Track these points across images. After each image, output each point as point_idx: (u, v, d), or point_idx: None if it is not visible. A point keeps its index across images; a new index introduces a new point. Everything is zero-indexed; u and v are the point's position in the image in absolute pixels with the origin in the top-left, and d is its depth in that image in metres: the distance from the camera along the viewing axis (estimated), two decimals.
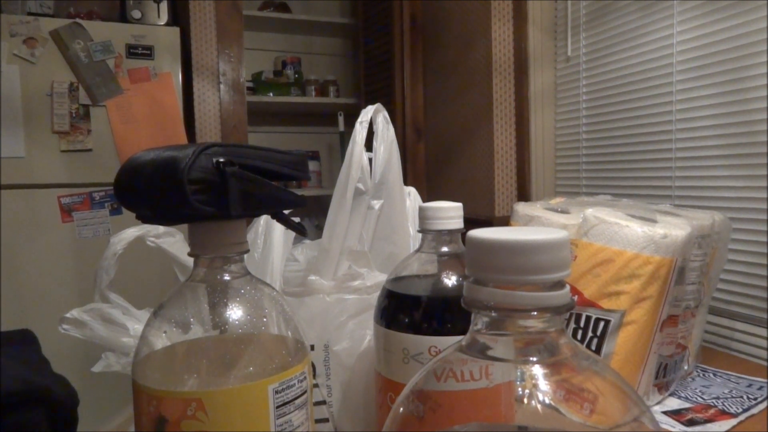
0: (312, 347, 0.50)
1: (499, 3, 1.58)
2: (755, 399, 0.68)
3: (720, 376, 0.76)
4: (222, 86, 1.91)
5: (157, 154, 0.33)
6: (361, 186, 0.54)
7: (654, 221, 0.65)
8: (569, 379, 0.22)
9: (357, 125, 0.54)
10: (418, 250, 0.46)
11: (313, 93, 2.51)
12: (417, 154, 2.06)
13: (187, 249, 0.35)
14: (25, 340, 0.62)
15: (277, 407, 0.32)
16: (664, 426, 0.63)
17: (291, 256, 0.57)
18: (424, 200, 0.51)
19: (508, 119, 1.61)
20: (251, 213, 0.35)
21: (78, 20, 1.74)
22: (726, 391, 0.71)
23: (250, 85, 2.38)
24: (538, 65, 1.53)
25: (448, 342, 0.40)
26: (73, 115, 1.72)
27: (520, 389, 0.22)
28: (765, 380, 0.74)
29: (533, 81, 1.53)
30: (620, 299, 0.63)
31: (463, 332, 0.24)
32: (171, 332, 0.34)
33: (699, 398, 0.69)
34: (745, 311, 0.96)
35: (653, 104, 1.17)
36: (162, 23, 1.86)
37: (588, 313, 0.65)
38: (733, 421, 0.63)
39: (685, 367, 0.73)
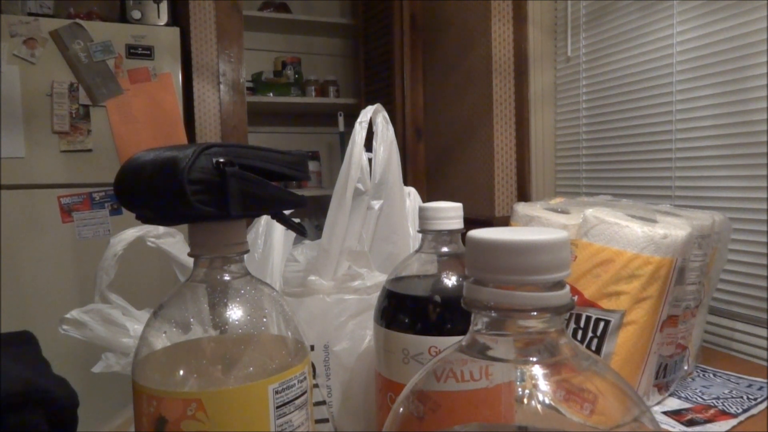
0: (312, 347, 0.50)
1: (499, 3, 1.58)
2: (755, 399, 0.68)
3: (720, 377, 0.76)
4: (222, 86, 1.91)
5: (157, 155, 0.33)
6: (360, 186, 0.54)
7: (654, 221, 0.65)
8: (569, 380, 0.22)
9: (357, 125, 0.54)
10: (418, 251, 0.46)
11: (313, 93, 2.51)
12: (417, 154, 2.06)
13: (187, 249, 0.35)
14: (25, 342, 0.62)
15: (277, 407, 0.32)
16: (664, 426, 0.62)
17: (291, 257, 0.57)
18: (424, 200, 0.51)
19: (508, 119, 1.61)
20: (251, 213, 0.35)
21: (78, 20, 1.74)
22: (726, 392, 0.71)
23: (250, 85, 2.38)
24: (538, 65, 1.53)
25: (448, 342, 0.40)
26: (73, 115, 1.72)
27: (520, 389, 0.22)
28: (765, 380, 0.74)
29: (533, 81, 1.53)
30: (620, 299, 0.63)
31: (463, 332, 0.24)
32: (171, 332, 0.34)
33: (699, 398, 0.69)
34: (745, 311, 0.96)
35: (653, 104, 1.17)
36: (162, 23, 1.86)
37: (588, 314, 0.65)
38: (733, 422, 0.63)
39: (685, 368, 0.73)
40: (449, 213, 0.44)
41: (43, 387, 0.51)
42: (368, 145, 0.55)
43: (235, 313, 0.35)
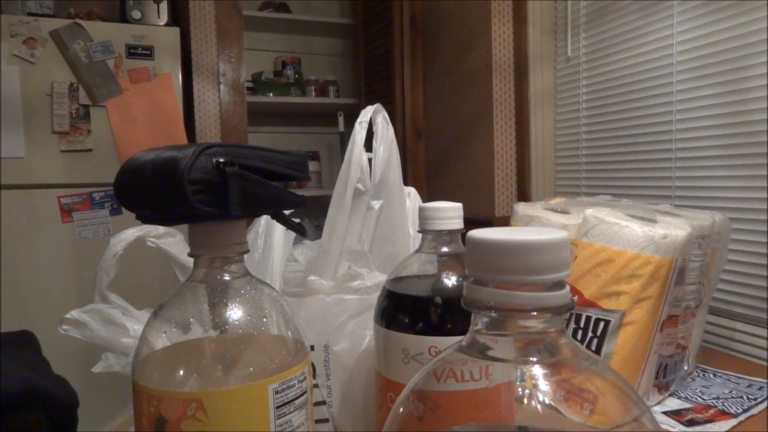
0: (312, 347, 0.50)
1: (499, 3, 1.58)
2: (755, 399, 0.68)
3: (720, 377, 0.76)
4: (222, 86, 1.91)
5: (157, 155, 0.33)
6: (360, 186, 0.54)
7: (654, 221, 0.65)
8: (569, 380, 0.22)
9: (357, 125, 0.54)
10: (418, 251, 0.46)
11: (313, 93, 2.51)
12: (417, 154, 2.06)
13: (187, 249, 0.35)
14: (25, 341, 0.62)
15: (277, 407, 0.32)
16: (664, 426, 0.62)
17: (291, 257, 0.57)
18: (424, 200, 0.51)
19: (508, 119, 1.61)
20: (251, 213, 0.35)
21: (78, 20, 1.74)
22: (726, 392, 0.71)
23: (250, 85, 2.38)
24: (538, 65, 1.53)
25: (448, 342, 0.40)
26: (73, 115, 1.72)
27: (520, 389, 0.22)
28: (765, 380, 0.74)
29: (533, 81, 1.53)
30: (620, 299, 0.63)
31: (463, 332, 0.24)
32: (171, 332, 0.34)
33: (699, 398, 0.69)
34: (745, 311, 0.96)
35: (653, 104, 1.17)
36: (162, 23, 1.86)
37: (588, 314, 0.65)
38: (733, 422, 0.63)
39: (685, 368, 0.73)
40: (449, 213, 0.44)
41: (44, 387, 0.51)
42: (368, 145, 0.55)
43: (235, 313, 0.35)
